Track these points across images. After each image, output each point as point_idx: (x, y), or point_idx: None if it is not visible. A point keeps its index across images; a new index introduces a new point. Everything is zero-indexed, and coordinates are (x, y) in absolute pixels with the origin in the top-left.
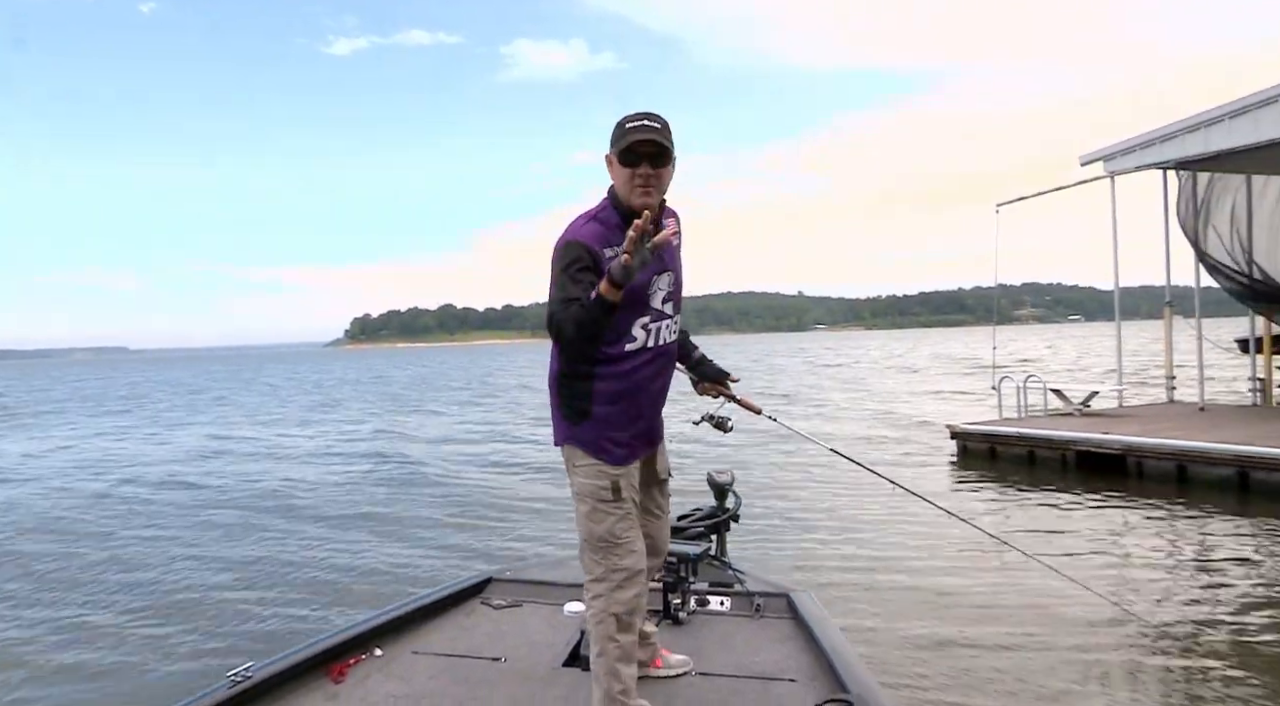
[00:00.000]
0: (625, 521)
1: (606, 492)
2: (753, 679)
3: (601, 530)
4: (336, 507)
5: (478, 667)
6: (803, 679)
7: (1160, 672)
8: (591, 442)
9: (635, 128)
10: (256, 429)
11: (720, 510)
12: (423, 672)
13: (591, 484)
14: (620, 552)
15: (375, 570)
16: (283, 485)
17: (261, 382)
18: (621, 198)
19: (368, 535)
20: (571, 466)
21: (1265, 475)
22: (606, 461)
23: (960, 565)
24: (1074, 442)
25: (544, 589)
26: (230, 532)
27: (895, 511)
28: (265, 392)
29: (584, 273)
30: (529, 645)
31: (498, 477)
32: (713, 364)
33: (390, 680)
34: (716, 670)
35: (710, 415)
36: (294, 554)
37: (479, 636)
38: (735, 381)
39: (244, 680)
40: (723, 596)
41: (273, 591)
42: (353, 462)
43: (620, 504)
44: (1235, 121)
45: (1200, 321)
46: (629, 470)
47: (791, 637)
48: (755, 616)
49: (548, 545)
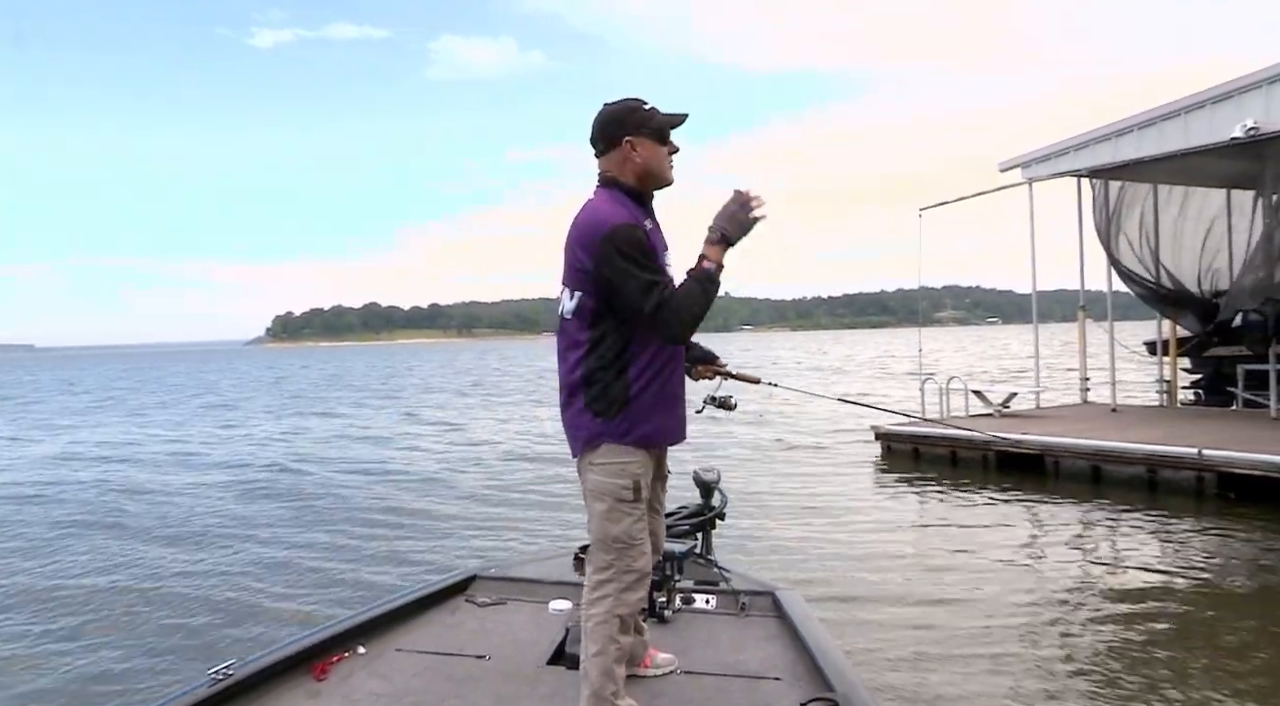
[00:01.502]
0: (640, 523)
1: (628, 492)
2: (738, 677)
3: (618, 531)
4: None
5: (462, 665)
6: (788, 677)
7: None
8: (626, 432)
9: (673, 114)
10: (113, 431)
11: (706, 508)
12: (406, 670)
13: (612, 482)
14: (634, 554)
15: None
16: (110, 493)
17: (158, 383)
18: (657, 175)
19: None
20: (588, 465)
21: (1172, 473)
22: (645, 445)
23: (944, 563)
24: (994, 442)
25: (529, 586)
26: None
27: (875, 506)
28: (155, 393)
29: (647, 252)
30: (514, 643)
31: (372, 485)
32: (700, 346)
33: (373, 678)
34: (701, 668)
35: (712, 397)
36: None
37: (463, 634)
38: (724, 363)
39: (225, 678)
40: (708, 594)
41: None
42: (208, 472)
43: (639, 504)
44: (1143, 132)
45: (1112, 325)
46: (649, 466)
47: (777, 636)
48: (740, 615)
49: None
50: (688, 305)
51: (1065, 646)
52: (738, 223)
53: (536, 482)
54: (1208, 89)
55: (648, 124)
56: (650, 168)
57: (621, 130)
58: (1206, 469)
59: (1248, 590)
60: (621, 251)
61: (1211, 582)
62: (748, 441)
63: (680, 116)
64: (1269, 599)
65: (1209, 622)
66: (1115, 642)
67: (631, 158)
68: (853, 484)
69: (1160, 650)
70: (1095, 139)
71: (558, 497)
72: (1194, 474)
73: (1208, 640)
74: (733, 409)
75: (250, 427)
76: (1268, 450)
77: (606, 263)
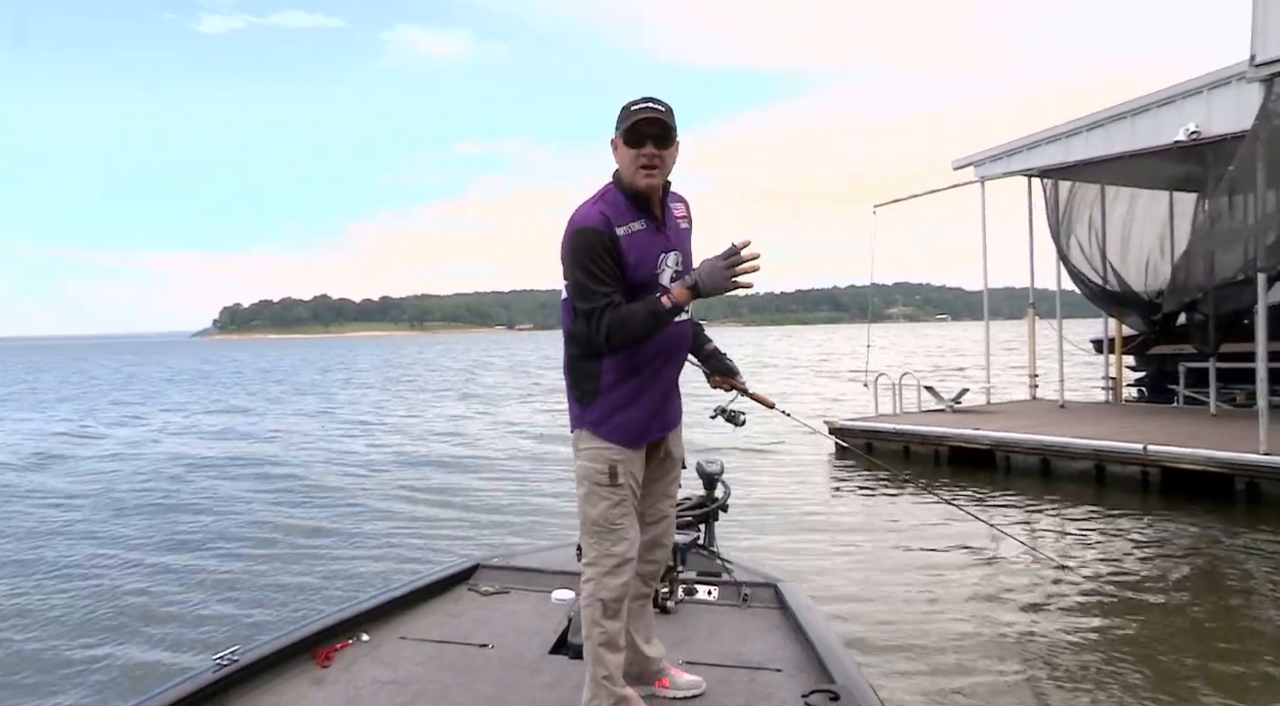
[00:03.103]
0: (620, 507)
1: (604, 476)
2: (740, 668)
3: (595, 514)
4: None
5: (465, 653)
6: (789, 668)
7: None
8: (600, 422)
9: (640, 109)
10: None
11: (709, 500)
12: (409, 658)
13: (590, 466)
14: (613, 538)
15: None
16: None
17: (69, 378)
18: (625, 179)
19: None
20: (576, 450)
21: (1119, 468)
22: (615, 441)
23: (895, 559)
24: (946, 438)
25: (532, 576)
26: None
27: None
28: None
29: (601, 259)
30: (516, 631)
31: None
32: (725, 358)
33: (377, 665)
34: (703, 659)
35: (723, 409)
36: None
37: (466, 622)
38: (743, 381)
39: (230, 663)
40: (710, 586)
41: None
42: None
43: (616, 489)
44: (1092, 134)
45: (1061, 323)
46: (631, 455)
47: (778, 627)
48: (742, 606)
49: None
50: (626, 324)
51: (1021, 639)
52: (716, 278)
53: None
54: (1152, 93)
55: (621, 124)
56: (624, 172)
57: (615, 130)
58: (1151, 463)
59: (1189, 579)
60: (576, 254)
61: (1157, 573)
62: (704, 442)
63: (633, 116)
64: (1209, 586)
65: (1160, 611)
66: (1070, 633)
67: (614, 158)
68: (806, 481)
69: (1119, 642)
70: (1046, 139)
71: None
72: (1139, 468)
73: (1158, 628)
74: (741, 425)
75: (108, 427)
76: (1209, 446)
77: (566, 261)
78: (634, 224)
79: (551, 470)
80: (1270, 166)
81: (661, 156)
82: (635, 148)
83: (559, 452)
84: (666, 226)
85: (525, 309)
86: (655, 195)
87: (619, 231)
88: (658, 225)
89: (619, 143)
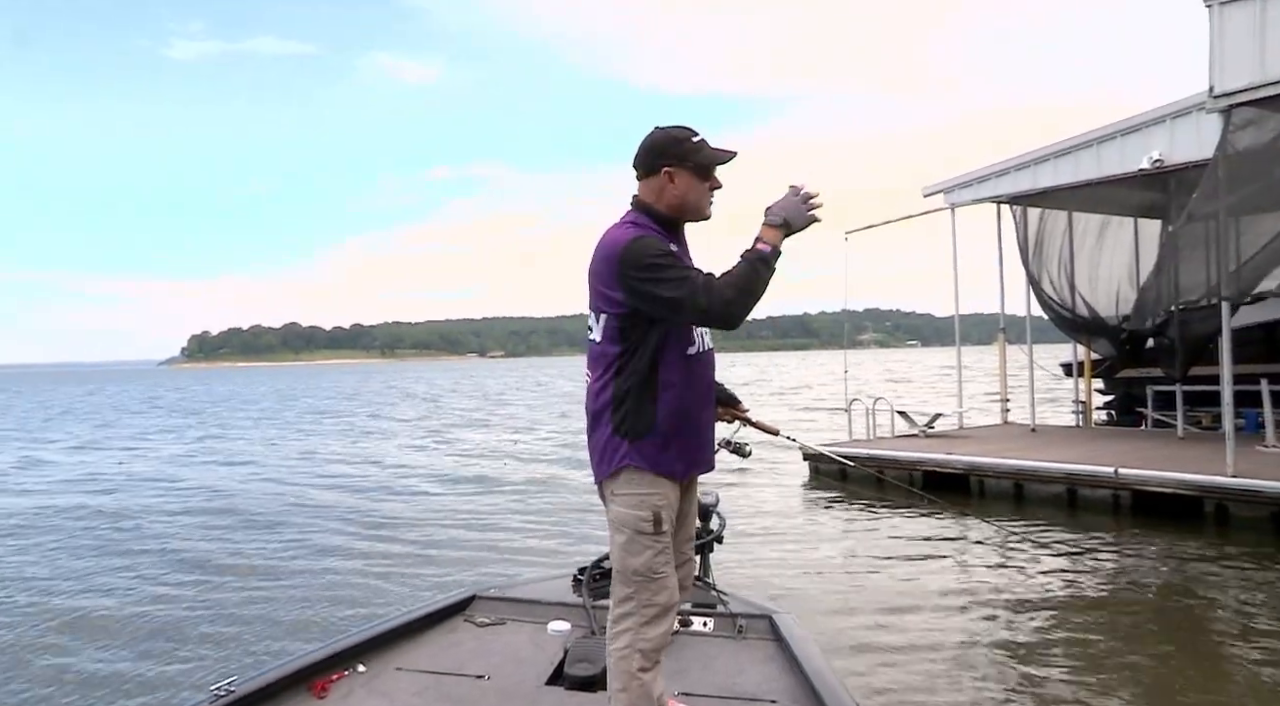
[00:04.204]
0: (663, 555)
1: (647, 524)
2: (735, 700)
3: (638, 563)
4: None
5: (461, 685)
6: (785, 700)
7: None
8: (653, 457)
9: (708, 145)
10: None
11: (705, 531)
12: (406, 689)
13: (632, 514)
14: (654, 588)
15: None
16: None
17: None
18: (692, 207)
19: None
20: (611, 495)
21: (1091, 491)
22: (666, 474)
23: (872, 583)
24: (921, 463)
25: (528, 607)
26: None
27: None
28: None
29: (669, 252)
30: (513, 662)
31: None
32: (724, 387)
33: (373, 696)
34: (699, 691)
35: (728, 440)
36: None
37: (463, 653)
38: (746, 410)
39: (227, 694)
40: (705, 617)
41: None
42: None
43: (660, 536)
44: (1059, 161)
45: (1031, 348)
46: (673, 496)
47: (774, 659)
48: (738, 637)
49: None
50: (738, 284)
51: (996, 663)
52: (799, 212)
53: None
54: (1118, 122)
55: (691, 157)
56: (687, 202)
57: (662, 159)
58: (1122, 487)
59: (1161, 599)
60: (640, 264)
61: (1129, 595)
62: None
63: (728, 154)
64: (1180, 608)
65: (1131, 632)
66: (1046, 653)
67: (668, 188)
68: (781, 505)
69: (1094, 661)
70: (1015, 166)
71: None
72: (1111, 492)
73: (1132, 649)
74: (747, 456)
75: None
76: (1178, 468)
77: (629, 281)
78: (671, 245)
79: (542, 499)
80: (1230, 195)
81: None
82: (706, 179)
83: (546, 480)
84: (688, 255)
85: (497, 336)
86: (697, 222)
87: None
88: (685, 252)
89: (685, 174)
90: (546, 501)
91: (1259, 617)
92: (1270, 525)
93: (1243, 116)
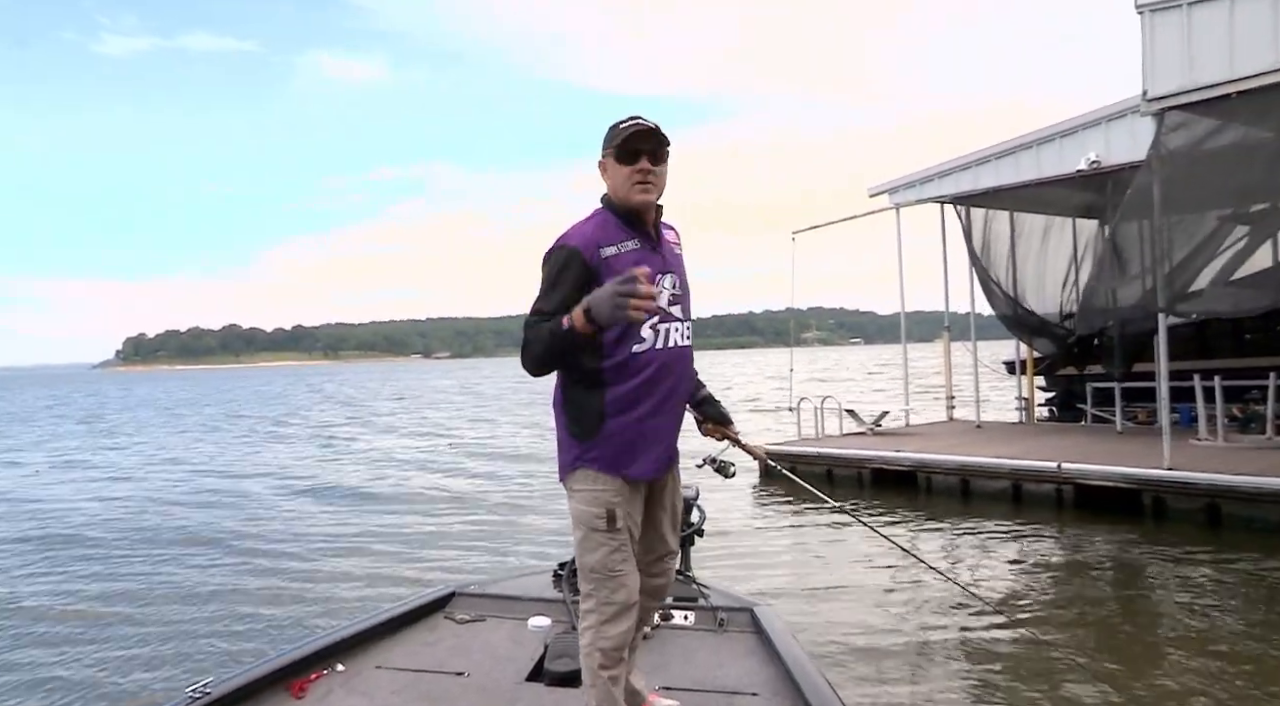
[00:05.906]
0: (620, 553)
1: (601, 521)
2: (716, 693)
3: (593, 561)
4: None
5: (441, 682)
6: (765, 693)
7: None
8: (604, 459)
9: (630, 125)
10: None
11: (685, 524)
12: (385, 687)
13: (587, 510)
14: (612, 585)
15: None
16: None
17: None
18: (619, 198)
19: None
20: (570, 491)
21: (1035, 486)
22: (621, 476)
23: (823, 582)
24: (869, 460)
25: (508, 603)
26: None
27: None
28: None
29: (562, 278)
30: (493, 659)
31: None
32: (719, 405)
33: (352, 695)
34: (680, 685)
35: (713, 458)
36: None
37: (442, 651)
38: (736, 431)
39: (203, 695)
40: (686, 611)
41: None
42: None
43: (615, 534)
44: (1000, 162)
45: (976, 346)
46: (630, 495)
47: (754, 652)
48: (719, 631)
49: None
50: (532, 343)
51: (949, 658)
52: (608, 306)
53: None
54: (1056, 123)
55: (609, 143)
56: (616, 190)
57: (603, 151)
58: (1065, 481)
59: (1103, 589)
60: (543, 265)
61: (1073, 584)
62: None
63: (624, 132)
64: (1121, 596)
65: (1077, 620)
66: (1001, 643)
67: (604, 179)
68: (735, 504)
69: (1036, 652)
70: (958, 167)
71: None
72: (1054, 486)
73: (1077, 637)
74: (730, 476)
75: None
76: (1117, 462)
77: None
78: (627, 243)
79: (512, 489)
80: (1163, 196)
81: (655, 171)
82: (629, 164)
83: (517, 473)
84: (661, 248)
85: (442, 337)
86: (650, 213)
87: (607, 252)
88: (652, 245)
89: (609, 162)
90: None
91: (1195, 605)
92: (1204, 516)
93: (1174, 120)
